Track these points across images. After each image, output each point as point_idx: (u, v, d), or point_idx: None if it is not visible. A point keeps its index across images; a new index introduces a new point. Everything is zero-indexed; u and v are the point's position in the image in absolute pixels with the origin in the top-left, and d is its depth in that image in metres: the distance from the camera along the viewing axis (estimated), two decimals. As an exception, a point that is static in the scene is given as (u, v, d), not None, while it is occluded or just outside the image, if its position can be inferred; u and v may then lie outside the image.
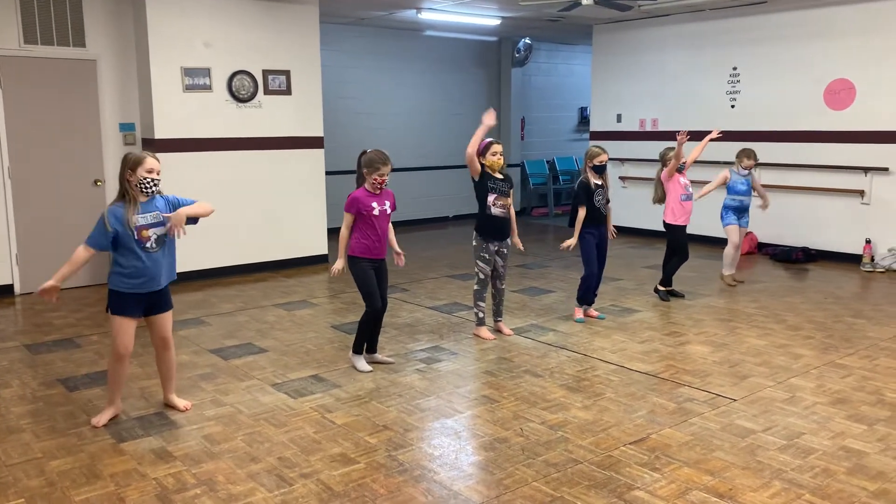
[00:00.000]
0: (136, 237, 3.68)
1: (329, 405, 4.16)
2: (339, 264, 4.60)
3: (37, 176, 6.92)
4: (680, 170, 6.50)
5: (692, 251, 6.96)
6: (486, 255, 5.30)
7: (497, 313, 5.57)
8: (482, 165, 5.17)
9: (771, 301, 6.49)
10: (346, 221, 4.61)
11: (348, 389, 4.40)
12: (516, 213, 5.19)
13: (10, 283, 6.89)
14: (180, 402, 4.11)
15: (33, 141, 6.88)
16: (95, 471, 3.39)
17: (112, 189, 7.35)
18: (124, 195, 3.71)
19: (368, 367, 4.74)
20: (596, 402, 4.19)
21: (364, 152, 4.63)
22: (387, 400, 4.23)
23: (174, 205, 3.82)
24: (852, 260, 8.08)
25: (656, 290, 6.68)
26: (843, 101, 8.11)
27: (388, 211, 4.66)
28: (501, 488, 3.20)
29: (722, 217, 7.14)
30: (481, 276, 5.34)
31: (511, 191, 5.31)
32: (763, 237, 8.82)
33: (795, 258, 8.23)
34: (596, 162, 5.76)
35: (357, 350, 4.81)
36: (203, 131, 7.45)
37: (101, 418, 3.90)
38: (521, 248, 5.49)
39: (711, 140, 6.78)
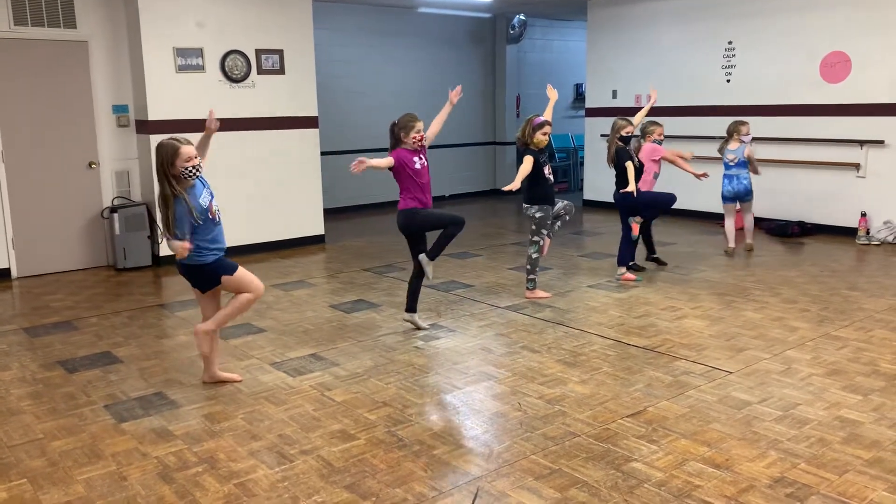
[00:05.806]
0: (210, 217, 3.93)
1: (328, 383, 4.18)
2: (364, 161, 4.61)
3: (31, 159, 6.89)
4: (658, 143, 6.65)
5: (686, 227, 6.98)
6: (549, 222, 5.67)
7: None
8: (527, 144, 5.48)
9: (767, 275, 6.52)
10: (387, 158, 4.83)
11: (347, 367, 4.42)
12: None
13: (7, 266, 6.88)
14: (228, 375, 4.29)
15: (26, 124, 6.84)
16: (97, 450, 3.41)
17: (107, 170, 7.33)
18: (172, 189, 3.81)
19: (427, 324, 5.08)
20: (593, 376, 4.22)
21: (395, 123, 4.87)
22: (386, 377, 4.26)
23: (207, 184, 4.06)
24: (848, 233, 8.09)
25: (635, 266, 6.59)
26: (838, 74, 8.08)
27: (426, 163, 4.95)
28: (500, 462, 3.23)
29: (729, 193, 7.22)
30: (541, 242, 5.68)
31: None
32: (759, 211, 8.79)
33: (791, 232, 8.24)
34: (623, 133, 6.02)
35: (412, 308, 5.05)
36: (197, 112, 7.37)
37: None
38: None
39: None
